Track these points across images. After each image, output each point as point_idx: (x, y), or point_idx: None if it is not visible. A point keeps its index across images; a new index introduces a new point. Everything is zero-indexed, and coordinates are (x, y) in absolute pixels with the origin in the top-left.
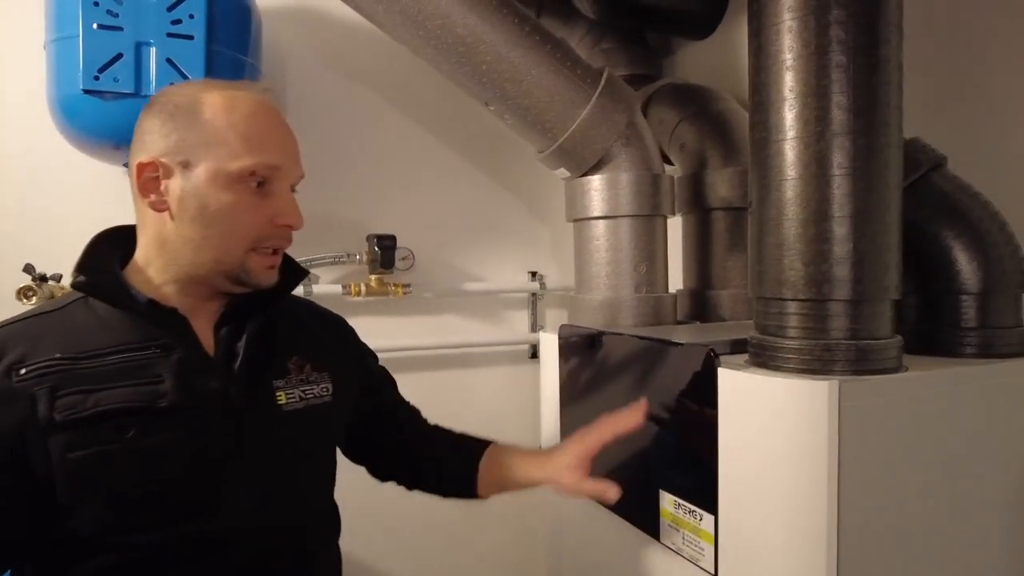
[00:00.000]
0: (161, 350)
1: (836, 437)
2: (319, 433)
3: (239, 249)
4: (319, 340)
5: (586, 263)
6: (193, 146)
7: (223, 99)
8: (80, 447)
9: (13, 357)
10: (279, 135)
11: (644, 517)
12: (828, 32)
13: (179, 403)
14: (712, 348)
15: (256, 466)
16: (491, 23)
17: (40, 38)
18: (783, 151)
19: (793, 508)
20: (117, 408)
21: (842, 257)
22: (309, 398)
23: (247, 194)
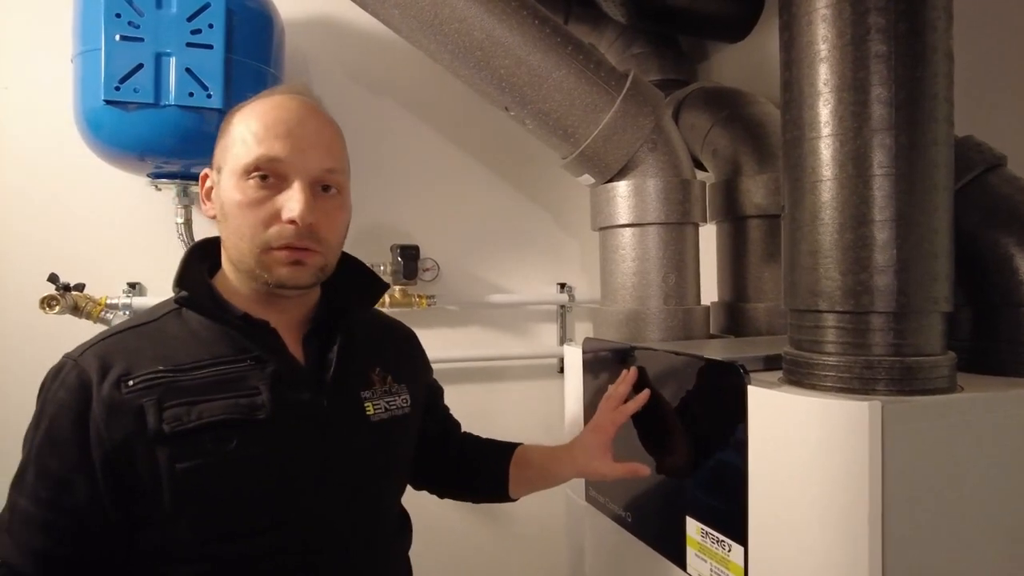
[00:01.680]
0: (255, 362)
1: (879, 464)
2: (402, 443)
3: (251, 249)
4: (396, 352)
5: (611, 274)
6: (222, 151)
7: (253, 104)
8: (186, 458)
9: (120, 370)
10: (287, 128)
11: (669, 544)
12: (866, 19)
13: (276, 415)
14: (742, 364)
15: (346, 476)
16: (509, 26)
17: (68, 52)
18: (817, 150)
19: (832, 542)
20: (219, 420)
21: (884, 265)
22: (393, 409)
23: (253, 190)
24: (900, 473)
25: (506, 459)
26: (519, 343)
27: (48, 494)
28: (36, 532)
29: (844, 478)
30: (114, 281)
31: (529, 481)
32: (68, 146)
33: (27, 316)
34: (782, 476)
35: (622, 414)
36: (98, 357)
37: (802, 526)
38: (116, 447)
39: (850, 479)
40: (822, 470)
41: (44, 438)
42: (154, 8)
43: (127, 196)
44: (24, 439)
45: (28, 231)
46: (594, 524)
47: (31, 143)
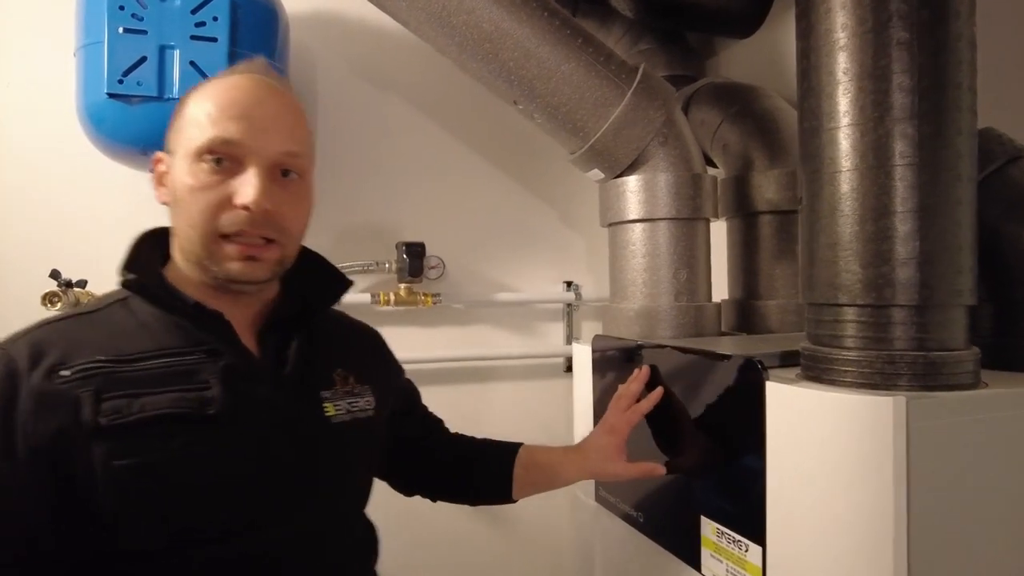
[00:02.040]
0: (207, 355)
1: (904, 462)
2: (364, 447)
3: (202, 237)
4: (359, 353)
5: (621, 270)
6: (175, 134)
7: (207, 85)
8: (125, 454)
9: (53, 359)
10: (244, 108)
11: (683, 545)
12: (887, 6)
13: (227, 411)
14: (760, 360)
15: (302, 479)
16: (519, 18)
17: (70, 46)
18: (836, 140)
19: (855, 542)
20: (164, 414)
21: (906, 258)
22: (355, 411)
23: (205, 174)
24: (925, 470)
25: (510, 460)
26: (525, 342)
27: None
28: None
29: (867, 476)
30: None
31: (535, 483)
32: (70, 141)
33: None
34: (801, 474)
35: (636, 413)
36: (30, 345)
37: (823, 525)
38: (46, 441)
39: (873, 477)
40: (844, 467)
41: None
42: (158, 1)
43: (129, 192)
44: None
45: (29, 227)
46: (604, 525)
47: (33, 138)
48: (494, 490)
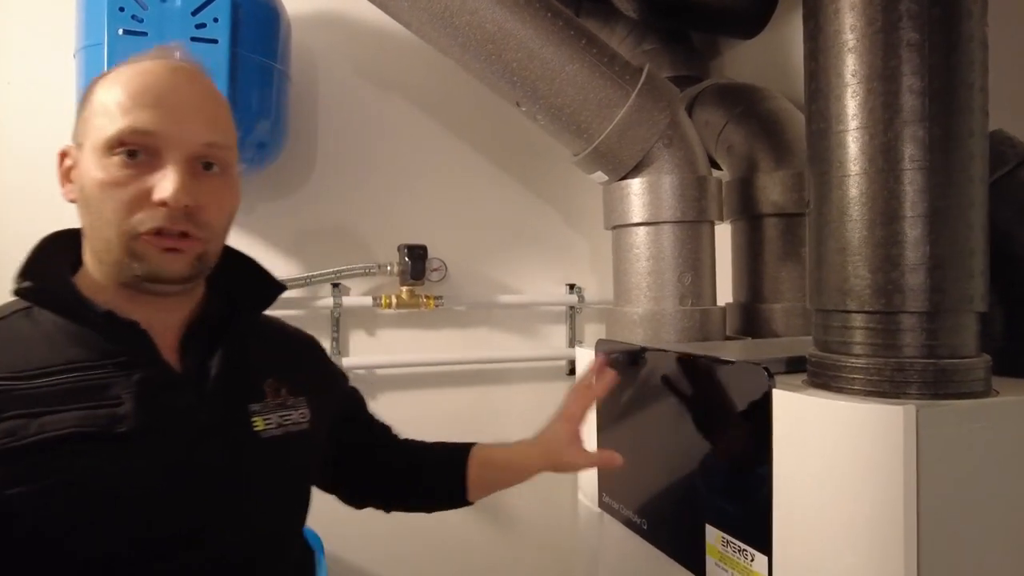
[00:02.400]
0: (118, 368)
1: (914, 470)
2: (298, 463)
3: (116, 234)
4: (294, 362)
5: (625, 273)
6: (83, 126)
7: (117, 71)
8: (19, 482)
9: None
10: (158, 95)
11: (687, 553)
12: (897, 6)
13: (141, 428)
14: (766, 366)
15: (229, 497)
16: (522, 18)
17: (71, 47)
18: (845, 143)
19: (863, 551)
20: (66, 434)
21: (916, 263)
22: (287, 424)
23: (117, 168)
24: (935, 480)
25: (462, 461)
26: (528, 344)
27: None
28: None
29: (876, 485)
30: None
31: (492, 482)
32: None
33: None
34: (809, 483)
35: (589, 398)
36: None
37: (831, 535)
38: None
39: (882, 486)
40: (852, 476)
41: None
42: (158, 1)
43: None
44: None
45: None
46: (608, 531)
47: (33, 138)
48: (448, 493)
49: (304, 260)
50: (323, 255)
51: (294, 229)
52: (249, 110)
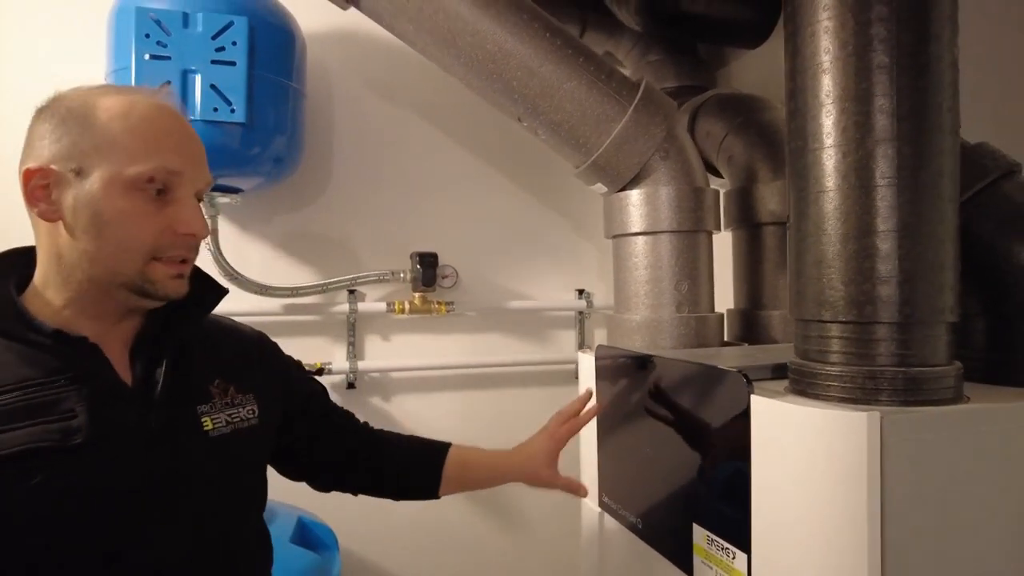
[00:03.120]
0: (69, 382)
1: (878, 475)
2: (249, 457)
3: (137, 260)
4: (240, 360)
5: (625, 281)
6: (86, 152)
7: (120, 103)
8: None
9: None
10: (180, 139)
11: (678, 551)
12: (868, 31)
13: (95, 438)
14: (745, 373)
15: (184, 497)
16: (521, 38)
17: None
18: (820, 161)
19: (831, 552)
20: (24, 449)
21: (887, 276)
22: (236, 422)
23: (144, 201)
24: (900, 484)
25: (440, 459)
26: (538, 349)
27: None
28: None
29: (843, 489)
30: None
31: (466, 482)
32: None
33: None
34: (784, 486)
35: (575, 426)
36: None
37: (803, 536)
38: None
39: (849, 490)
40: (822, 480)
41: None
42: (181, 27)
43: None
44: None
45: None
46: (608, 530)
47: None
48: (422, 486)
49: (321, 268)
50: (339, 263)
51: (311, 238)
52: (266, 127)
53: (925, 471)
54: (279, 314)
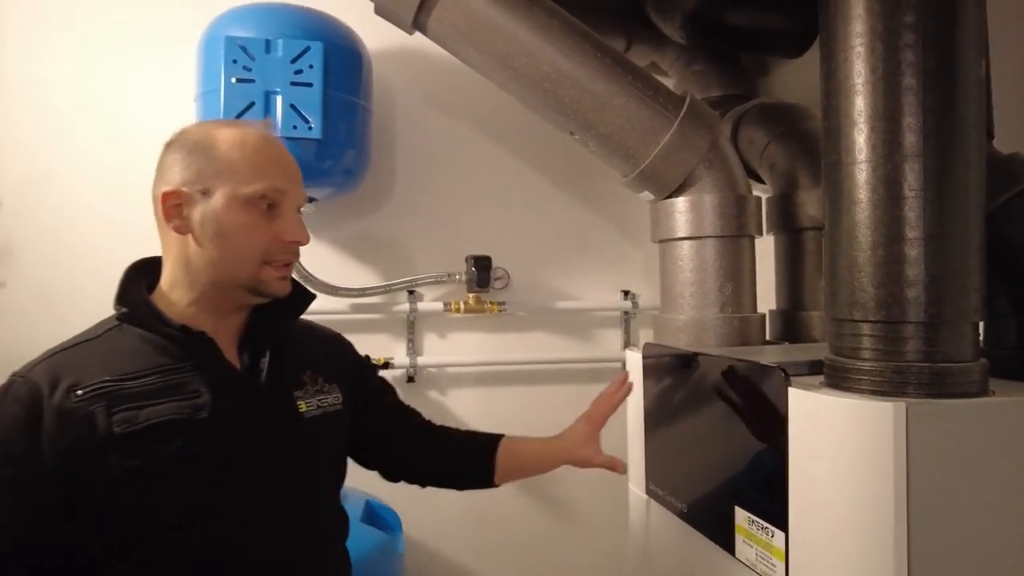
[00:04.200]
0: (194, 369)
1: (904, 462)
2: (335, 436)
3: (253, 263)
4: (325, 355)
5: (671, 283)
6: (210, 176)
7: (234, 135)
8: (136, 456)
9: (68, 381)
10: (284, 164)
11: (720, 532)
12: (897, 55)
13: (216, 415)
14: (784, 368)
15: (283, 467)
16: (573, 59)
17: (192, 92)
18: (853, 175)
19: (860, 532)
20: (167, 420)
21: (914, 279)
22: (325, 406)
23: (258, 215)
24: (925, 470)
25: (492, 449)
26: (584, 347)
27: (7, 499)
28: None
29: (872, 473)
30: None
31: (518, 469)
32: None
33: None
34: (818, 470)
35: (611, 407)
36: (47, 372)
37: (835, 516)
38: (67, 451)
39: (877, 474)
40: (852, 465)
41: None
42: (264, 53)
43: None
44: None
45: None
46: (654, 515)
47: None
48: (477, 476)
49: (384, 270)
50: (400, 266)
51: (376, 243)
52: (338, 142)
53: (949, 459)
54: (346, 312)
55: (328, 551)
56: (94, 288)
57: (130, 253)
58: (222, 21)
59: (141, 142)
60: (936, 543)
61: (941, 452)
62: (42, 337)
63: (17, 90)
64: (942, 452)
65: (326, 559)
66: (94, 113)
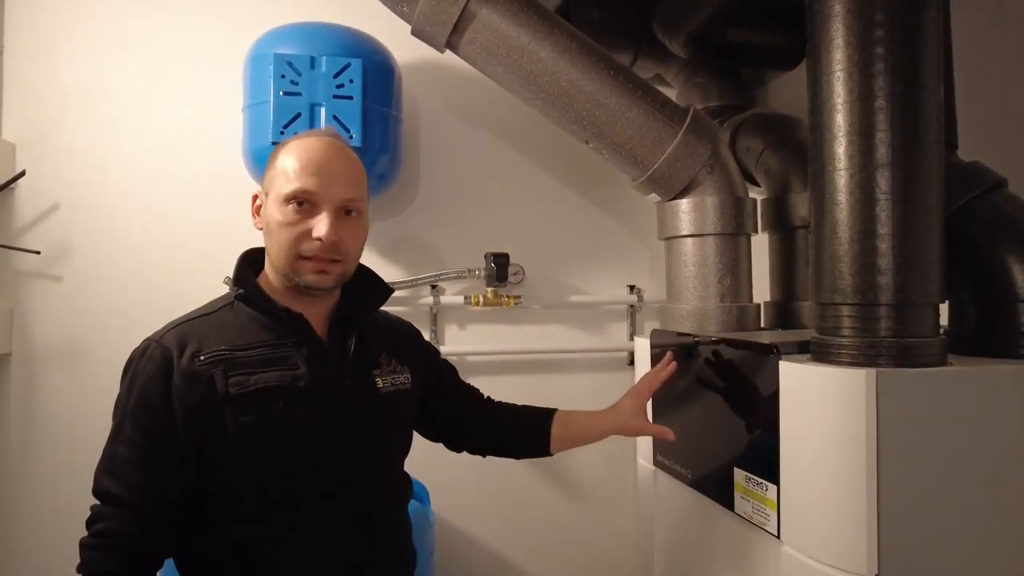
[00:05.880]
0: (293, 345)
1: (875, 420)
2: (405, 411)
3: (288, 257)
4: (398, 341)
5: (676, 276)
6: (270, 179)
7: (295, 142)
8: (248, 414)
9: (193, 348)
10: (319, 166)
11: (721, 491)
12: (870, 81)
13: (311, 385)
14: (776, 346)
15: (362, 434)
16: (590, 76)
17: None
18: (834, 180)
19: (839, 480)
20: (272, 386)
21: (885, 268)
22: (397, 384)
23: (292, 213)
24: (892, 427)
25: (548, 422)
26: (594, 338)
27: (144, 442)
28: (137, 471)
29: (848, 429)
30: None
31: (571, 439)
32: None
33: None
34: (804, 429)
35: (656, 381)
36: (176, 338)
37: (818, 467)
38: (193, 406)
39: (852, 430)
40: (832, 423)
41: (137, 400)
42: (309, 68)
43: None
44: (116, 404)
45: (201, 243)
46: (661, 484)
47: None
48: (534, 446)
49: (410, 266)
50: (425, 262)
51: (403, 241)
52: (374, 149)
53: (913, 418)
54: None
55: (404, 507)
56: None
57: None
58: (269, 39)
59: (186, 148)
60: (901, 488)
61: (906, 412)
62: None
63: (76, 102)
64: (907, 412)
65: (404, 514)
66: (144, 123)
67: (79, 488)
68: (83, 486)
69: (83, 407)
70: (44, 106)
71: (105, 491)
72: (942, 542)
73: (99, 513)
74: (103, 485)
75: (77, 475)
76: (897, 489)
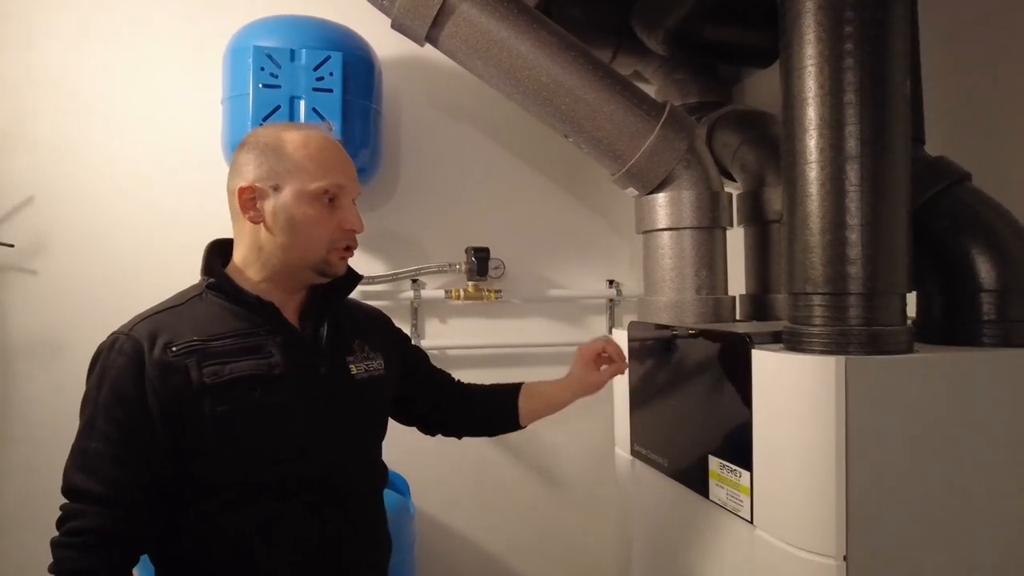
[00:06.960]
0: (267, 333)
1: (843, 405)
2: (378, 396)
3: (321, 249)
4: (370, 328)
5: (653, 269)
6: (280, 173)
7: (300, 137)
8: (224, 403)
9: (165, 339)
10: (343, 162)
11: (696, 479)
12: (840, 76)
13: (287, 372)
14: (749, 335)
15: (337, 420)
16: (569, 71)
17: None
18: (806, 173)
19: (810, 464)
20: (248, 375)
21: (854, 258)
22: (371, 370)
23: (322, 207)
24: (861, 412)
25: (515, 395)
26: (573, 332)
27: (119, 435)
28: (112, 465)
29: (819, 414)
30: None
31: (538, 409)
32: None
33: None
34: (776, 416)
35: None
36: (147, 330)
37: (790, 452)
38: (169, 397)
39: (823, 415)
40: (803, 409)
41: (109, 394)
42: (288, 61)
43: None
44: (84, 400)
45: (179, 235)
46: (639, 473)
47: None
48: (504, 421)
49: (390, 260)
50: (405, 256)
51: (383, 236)
52: (354, 143)
53: (880, 403)
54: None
55: (380, 492)
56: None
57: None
58: (249, 31)
59: (164, 140)
60: (870, 472)
61: (874, 397)
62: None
63: (52, 94)
64: (875, 397)
65: (380, 499)
66: (122, 115)
67: (56, 484)
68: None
69: (59, 402)
70: (20, 98)
71: (78, 488)
72: (909, 524)
73: (72, 511)
74: (75, 482)
75: (54, 471)
76: (865, 473)
